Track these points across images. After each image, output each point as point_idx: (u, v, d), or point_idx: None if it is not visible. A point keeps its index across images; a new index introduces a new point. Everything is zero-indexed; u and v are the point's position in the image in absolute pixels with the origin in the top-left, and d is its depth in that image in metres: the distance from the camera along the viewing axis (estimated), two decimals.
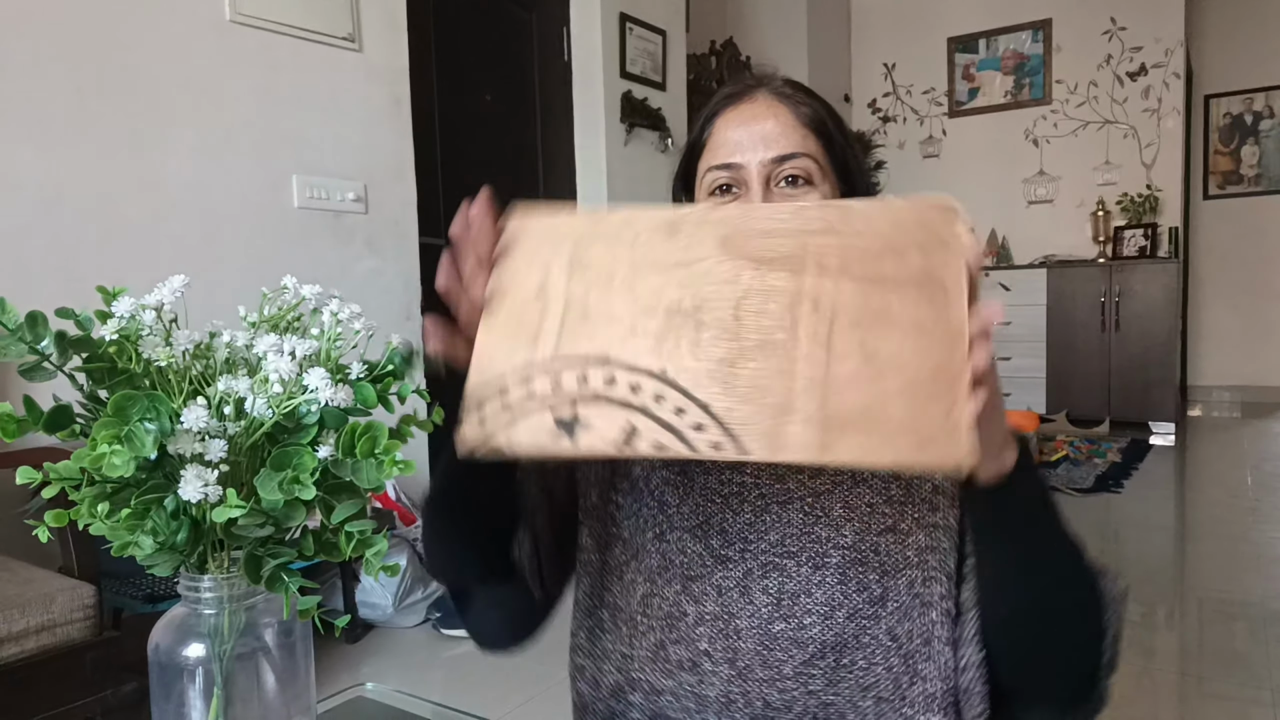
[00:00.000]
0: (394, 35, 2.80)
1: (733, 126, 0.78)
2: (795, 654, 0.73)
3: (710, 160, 0.79)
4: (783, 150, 0.76)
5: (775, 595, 0.75)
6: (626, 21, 3.80)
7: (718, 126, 0.80)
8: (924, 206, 0.57)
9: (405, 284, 2.86)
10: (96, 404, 0.55)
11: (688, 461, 0.82)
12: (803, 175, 0.76)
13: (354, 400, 0.57)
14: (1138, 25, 5.30)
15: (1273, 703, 1.86)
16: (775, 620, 0.74)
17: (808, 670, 0.73)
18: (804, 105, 0.79)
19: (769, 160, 0.76)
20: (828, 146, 0.78)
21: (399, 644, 2.28)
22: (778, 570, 0.75)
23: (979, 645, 0.70)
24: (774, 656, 0.74)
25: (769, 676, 0.74)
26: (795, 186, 0.76)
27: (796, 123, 0.77)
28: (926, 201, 0.57)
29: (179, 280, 0.56)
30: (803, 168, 0.76)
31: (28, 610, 1.44)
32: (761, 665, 0.74)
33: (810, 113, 0.79)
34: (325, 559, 0.60)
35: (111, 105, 2.12)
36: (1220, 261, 6.16)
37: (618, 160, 3.78)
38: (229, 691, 0.59)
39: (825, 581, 0.74)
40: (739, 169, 0.77)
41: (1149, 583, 2.70)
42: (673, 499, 0.80)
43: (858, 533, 0.74)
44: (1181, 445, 4.72)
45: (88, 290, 0.59)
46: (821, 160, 0.77)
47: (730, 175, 0.77)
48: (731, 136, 0.78)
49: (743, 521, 0.77)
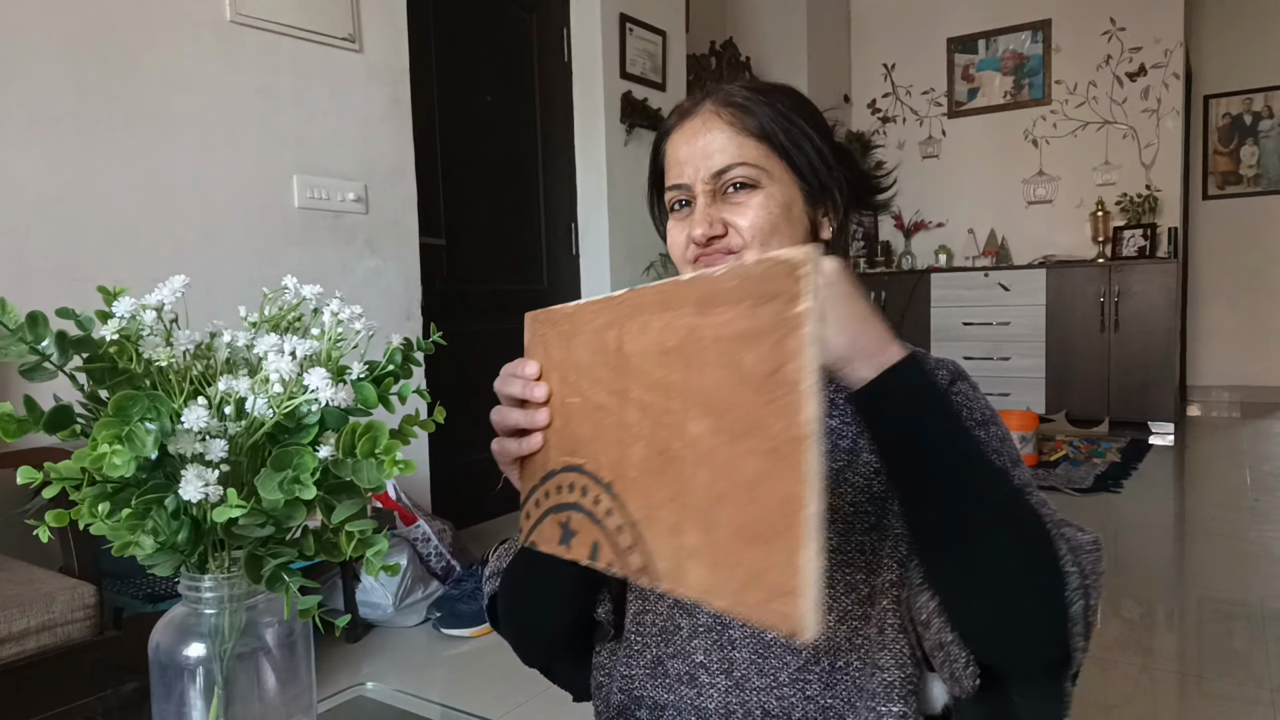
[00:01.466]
0: (394, 35, 2.80)
1: (679, 145, 0.81)
2: (790, 660, 0.74)
3: (667, 179, 0.83)
4: (720, 164, 0.78)
5: None
6: (626, 22, 3.80)
7: (668, 147, 0.83)
8: (765, 263, 0.46)
9: (406, 284, 2.86)
10: (97, 404, 0.55)
11: None
12: (746, 181, 0.78)
13: (354, 400, 0.57)
14: (1137, 26, 5.30)
15: (1272, 702, 1.86)
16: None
17: (804, 676, 0.73)
18: (745, 112, 0.79)
19: (709, 175, 0.78)
20: (771, 148, 0.79)
21: (399, 644, 2.28)
22: None
23: (928, 592, 0.67)
24: (769, 664, 0.74)
25: (766, 684, 0.74)
26: (741, 191, 0.78)
27: (735, 132, 0.78)
28: (771, 258, 0.45)
29: (179, 280, 0.56)
30: (743, 175, 0.78)
31: (28, 610, 1.44)
32: (758, 674, 0.74)
33: (749, 120, 0.79)
34: (326, 559, 0.60)
35: (112, 105, 2.12)
36: (1219, 261, 6.16)
37: (618, 160, 3.79)
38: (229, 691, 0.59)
39: None
40: (686, 188, 0.80)
41: (1148, 582, 2.70)
42: None
43: (842, 534, 0.75)
44: (1181, 445, 4.72)
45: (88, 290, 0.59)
46: (763, 163, 0.78)
47: (682, 194, 0.81)
48: (680, 155, 0.81)
49: None
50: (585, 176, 3.79)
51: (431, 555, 2.51)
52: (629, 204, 3.85)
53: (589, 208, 3.80)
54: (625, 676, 0.81)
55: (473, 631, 2.29)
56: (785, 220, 0.79)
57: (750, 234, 0.77)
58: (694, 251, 0.80)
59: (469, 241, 3.31)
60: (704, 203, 0.78)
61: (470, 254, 3.33)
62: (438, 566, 2.51)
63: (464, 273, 3.30)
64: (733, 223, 0.78)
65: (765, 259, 0.46)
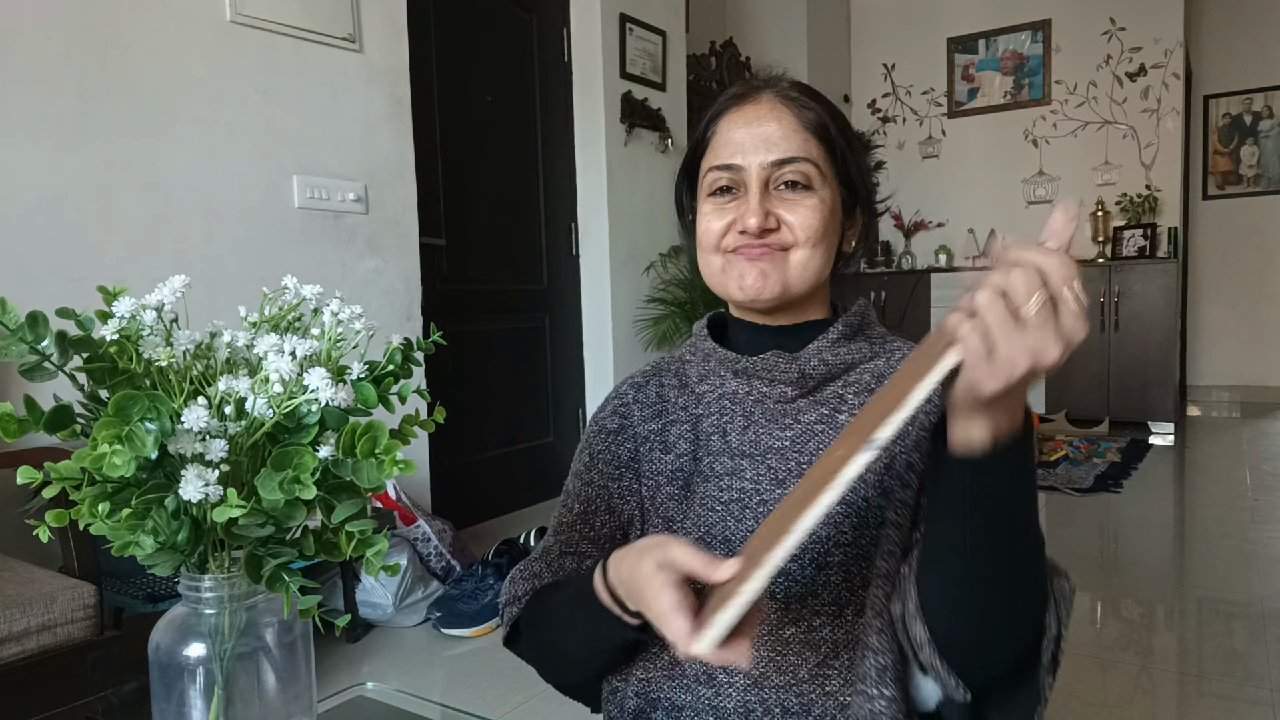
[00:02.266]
0: (394, 36, 2.80)
1: (736, 127, 0.79)
2: (809, 656, 0.73)
3: (712, 160, 0.80)
4: (783, 154, 0.76)
5: (783, 600, 0.74)
6: (626, 22, 3.80)
7: (721, 126, 0.80)
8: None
9: (406, 284, 2.87)
10: (97, 404, 0.55)
11: (690, 472, 0.83)
12: (802, 180, 0.76)
13: (354, 400, 0.57)
14: (1137, 26, 5.30)
15: (1272, 702, 1.86)
16: (785, 625, 0.74)
17: (823, 672, 0.73)
18: (808, 109, 0.79)
19: (769, 163, 0.76)
20: (829, 151, 0.78)
21: (399, 644, 2.28)
22: (782, 574, 0.74)
23: (922, 621, 0.67)
24: (788, 661, 0.73)
25: (785, 682, 0.73)
26: (794, 190, 0.77)
27: (799, 126, 0.77)
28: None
29: (180, 280, 0.56)
30: (802, 172, 0.76)
31: (28, 610, 1.44)
32: (776, 671, 0.73)
33: (814, 117, 0.78)
34: (326, 559, 0.60)
35: (112, 105, 2.12)
36: (1219, 261, 6.16)
37: (618, 160, 3.79)
38: (229, 691, 0.59)
39: (830, 581, 0.74)
40: (739, 170, 0.77)
41: (1148, 582, 2.70)
42: (677, 514, 0.81)
43: (857, 528, 0.74)
44: (1181, 445, 4.72)
45: (88, 290, 0.59)
46: (823, 165, 0.78)
47: (730, 176, 0.78)
48: (734, 137, 0.78)
49: (745, 529, 0.77)
50: (585, 176, 3.79)
51: (431, 555, 2.51)
52: (629, 204, 3.85)
53: (589, 208, 3.80)
54: (641, 680, 0.79)
55: (473, 631, 2.29)
56: (831, 227, 0.78)
57: (804, 233, 0.76)
58: (737, 241, 0.77)
59: (469, 241, 3.31)
60: (758, 190, 0.76)
61: (470, 254, 3.33)
62: (438, 566, 2.51)
63: (464, 273, 3.30)
64: (786, 219, 0.76)
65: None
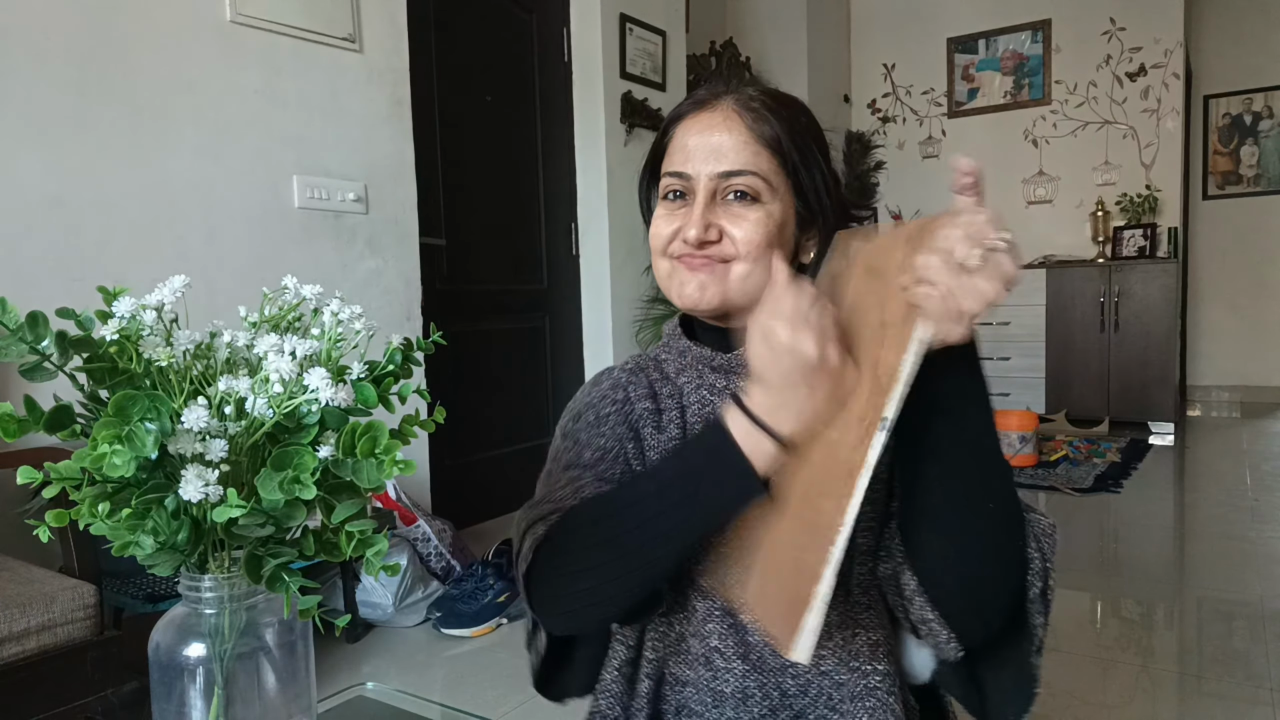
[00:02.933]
0: (395, 36, 2.80)
1: (690, 134, 0.79)
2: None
3: (668, 165, 0.81)
4: (731, 166, 0.76)
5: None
6: (626, 22, 3.80)
7: (678, 131, 0.81)
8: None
9: (406, 284, 2.86)
10: (97, 404, 0.55)
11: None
12: (749, 191, 0.76)
13: (354, 400, 0.57)
14: (1137, 26, 5.30)
15: (1272, 702, 1.86)
16: None
17: (818, 654, 0.73)
18: (764, 121, 0.78)
19: (716, 174, 0.77)
20: (783, 164, 0.78)
21: (399, 644, 2.28)
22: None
23: (909, 571, 0.71)
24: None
25: (781, 665, 0.75)
26: (741, 201, 0.77)
27: (750, 138, 0.77)
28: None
29: (180, 280, 0.56)
30: (748, 184, 0.76)
31: (28, 610, 1.44)
32: (773, 654, 0.75)
33: (768, 130, 0.77)
34: (326, 559, 0.60)
35: (112, 105, 2.12)
36: (1219, 261, 6.16)
37: (618, 161, 3.79)
38: (229, 691, 0.59)
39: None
40: (688, 179, 0.78)
41: (1148, 582, 2.71)
42: None
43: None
44: (1181, 445, 4.72)
45: (88, 290, 0.59)
46: (773, 178, 0.77)
47: (680, 183, 0.79)
48: (688, 144, 0.79)
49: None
50: (585, 176, 3.79)
51: (431, 555, 2.51)
52: (629, 204, 3.84)
53: (589, 208, 3.80)
54: (651, 661, 0.79)
55: (473, 631, 2.29)
56: (779, 239, 0.78)
57: (745, 247, 0.76)
58: (680, 249, 0.78)
59: (469, 241, 3.31)
60: (703, 201, 0.77)
61: (470, 254, 3.33)
62: (438, 566, 2.51)
63: (464, 273, 3.30)
64: (729, 232, 0.76)
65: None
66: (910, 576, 0.70)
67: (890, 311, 0.59)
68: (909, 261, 0.57)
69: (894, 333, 0.58)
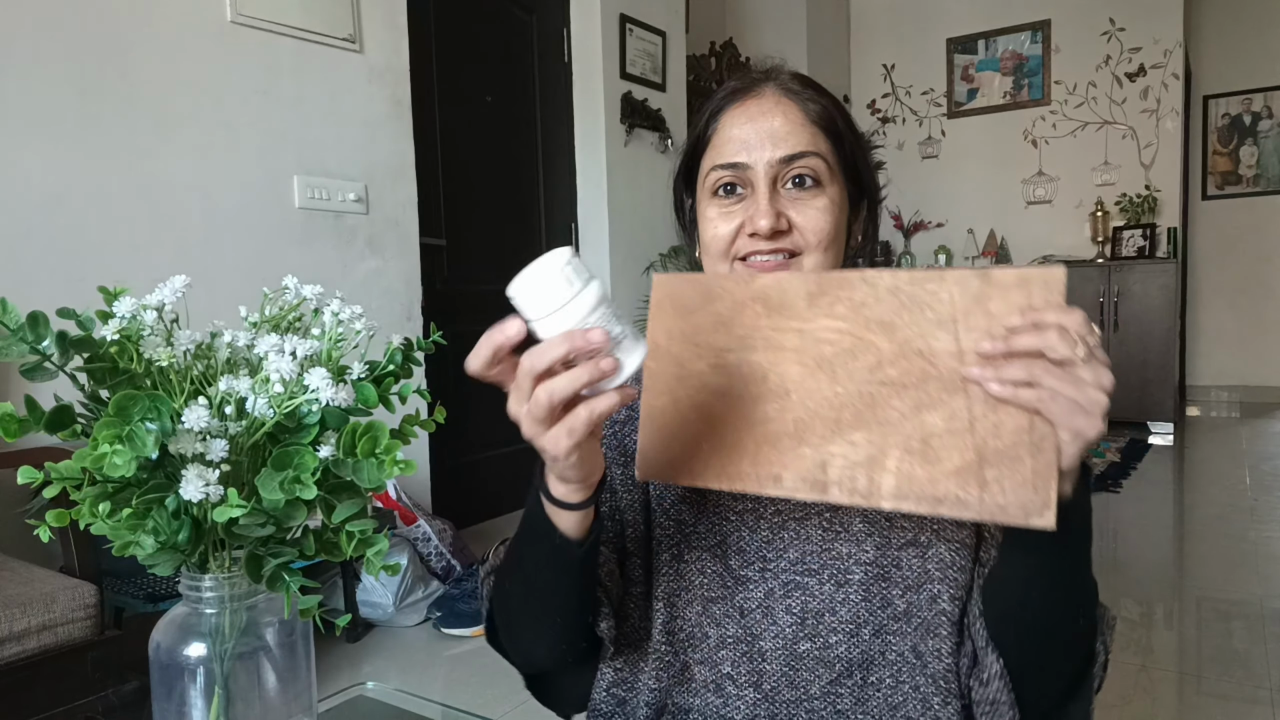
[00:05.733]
0: (395, 36, 2.80)
1: (739, 123, 0.74)
2: (822, 673, 0.72)
3: (715, 158, 0.75)
4: (791, 149, 0.72)
5: (799, 614, 0.73)
6: (626, 22, 3.80)
7: (723, 123, 0.75)
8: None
9: (406, 284, 2.87)
10: (98, 404, 0.55)
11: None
12: (811, 175, 0.72)
13: (355, 400, 0.57)
14: (1136, 26, 5.30)
15: (1271, 702, 1.86)
16: (800, 640, 0.72)
17: (835, 689, 0.71)
18: (813, 102, 0.74)
19: (776, 160, 0.72)
20: (836, 145, 0.74)
21: (400, 643, 2.28)
22: (800, 589, 0.73)
23: (994, 652, 0.68)
24: (801, 677, 0.72)
25: (796, 698, 0.72)
26: (803, 188, 0.72)
27: (805, 120, 0.73)
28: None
29: (180, 280, 0.56)
30: (811, 167, 0.72)
31: (29, 610, 1.44)
32: (788, 686, 0.72)
33: (819, 110, 0.74)
34: (326, 558, 0.60)
35: (112, 105, 2.12)
36: (1219, 261, 6.16)
37: (618, 161, 3.79)
38: (230, 691, 0.59)
39: (849, 599, 0.72)
40: (745, 169, 0.73)
41: (1147, 582, 2.71)
42: (689, 517, 0.77)
43: (879, 547, 0.72)
44: (1180, 445, 4.72)
45: (89, 290, 0.59)
46: (830, 159, 0.73)
47: (735, 175, 0.73)
48: (737, 134, 0.73)
49: (760, 539, 0.75)
50: (585, 177, 3.79)
51: (431, 555, 2.51)
52: (629, 204, 3.85)
53: (589, 208, 3.80)
54: (653, 690, 0.76)
55: (473, 631, 2.29)
56: (841, 227, 0.74)
57: (815, 237, 0.72)
58: (747, 246, 0.73)
59: (469, 241, 3.31)
60: (765, 190, 0.71)
61: (470, 254, 3.33)
62: (438, 566, 2.51)
63: (464, 273, 3.30)
64: (796, 222, 0.72)
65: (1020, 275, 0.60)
66: (994, 658, 0.67)
67: (901, 370, 0.60)
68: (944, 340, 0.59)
69: (1014, 452, 0.60)
